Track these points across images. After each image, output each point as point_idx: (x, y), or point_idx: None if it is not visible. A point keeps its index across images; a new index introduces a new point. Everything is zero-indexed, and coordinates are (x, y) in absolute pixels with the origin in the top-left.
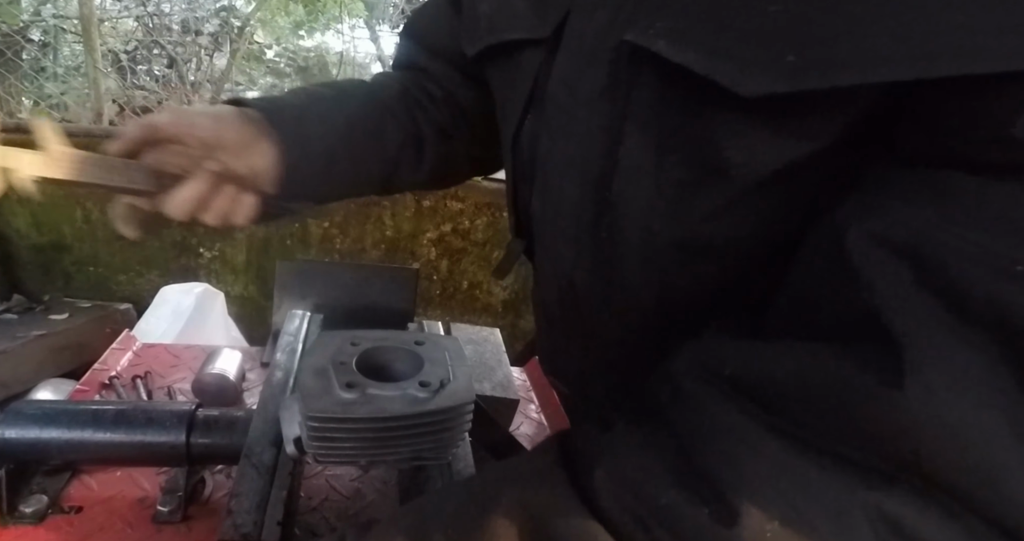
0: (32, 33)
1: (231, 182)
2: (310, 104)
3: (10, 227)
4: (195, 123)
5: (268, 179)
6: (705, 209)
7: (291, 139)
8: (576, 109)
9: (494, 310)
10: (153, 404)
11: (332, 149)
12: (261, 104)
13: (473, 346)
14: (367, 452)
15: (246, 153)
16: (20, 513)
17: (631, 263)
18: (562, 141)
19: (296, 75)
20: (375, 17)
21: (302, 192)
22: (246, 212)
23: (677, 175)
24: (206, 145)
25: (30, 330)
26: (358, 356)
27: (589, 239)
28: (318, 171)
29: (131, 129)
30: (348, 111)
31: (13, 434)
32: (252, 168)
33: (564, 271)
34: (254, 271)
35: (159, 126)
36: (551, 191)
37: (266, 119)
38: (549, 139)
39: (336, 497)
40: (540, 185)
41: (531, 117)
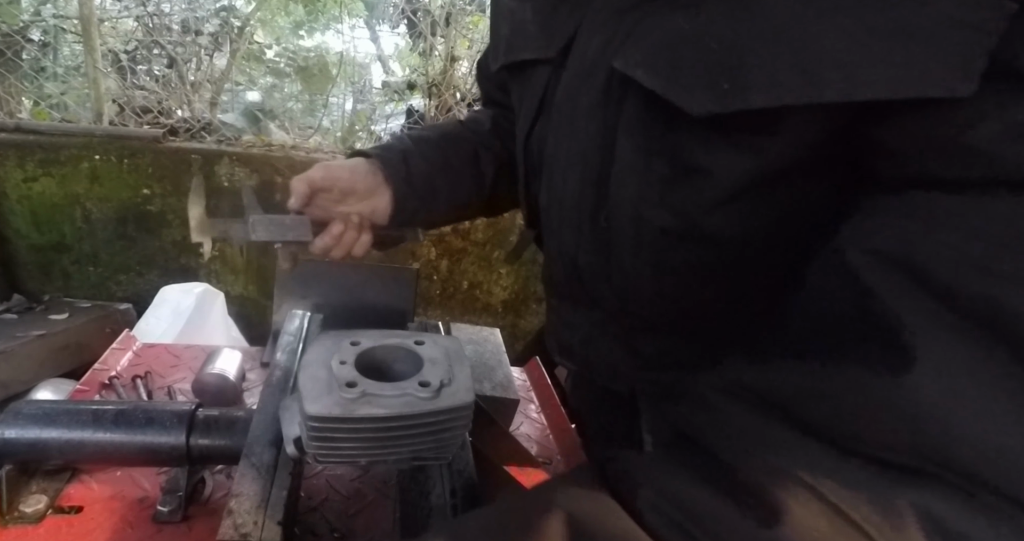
0: (32, 33)
1: (357, 220)
2: (414, 146)
3: (10, 227)
4: (338, 176)
5: (384, 215)
6: (688, 202)
7: (399, 178)
8: (576, 117)
9: (494, 310)
10: (153, 404)
11: (433, 182)
12: (377, 152)
13: (473, 346)
14: (367, 452)
15: (371, 196)
16: (20, 513)
17: (626, 246)
18: (565, 143)
19: (296, 75)
20: (375, 17)
21: (411, 221)
22: (365, 244)
23: (661, 172)
24: (343, 192)
25: (30, 330)
26: (358, 356)
27: (590, 226)
28: (423, 202)
29: (299, 187)
30: (446, 148)
31: (13, 434)
32: (374, 208)
33: (569, 253)
34: (254, 271)
35: (316, 181)
36: (556, 186)
37: (381, 164)
38: (555, 142)
39: (336, 497)
40: (547, 181)
41: (540, 123)
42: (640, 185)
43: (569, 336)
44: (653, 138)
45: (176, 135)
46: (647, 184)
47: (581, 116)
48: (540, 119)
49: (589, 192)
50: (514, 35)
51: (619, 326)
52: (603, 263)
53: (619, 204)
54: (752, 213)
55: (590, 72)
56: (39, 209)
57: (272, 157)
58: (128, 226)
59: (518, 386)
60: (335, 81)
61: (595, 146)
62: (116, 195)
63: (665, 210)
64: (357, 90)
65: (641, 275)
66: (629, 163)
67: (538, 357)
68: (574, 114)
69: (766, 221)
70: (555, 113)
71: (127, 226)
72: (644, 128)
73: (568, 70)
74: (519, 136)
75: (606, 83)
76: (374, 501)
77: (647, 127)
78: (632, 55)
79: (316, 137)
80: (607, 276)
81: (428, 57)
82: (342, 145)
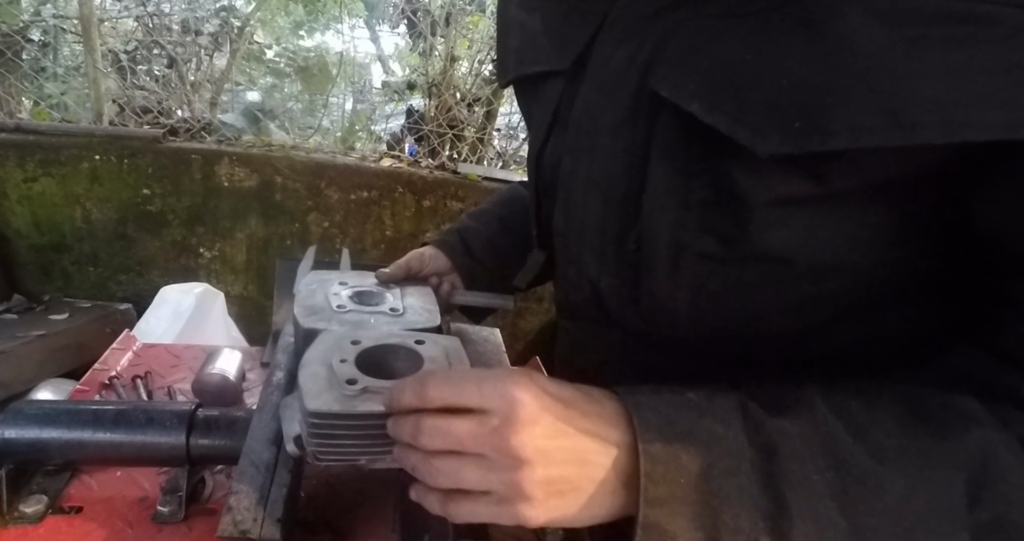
0: (32, 33)
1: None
2: (470, 221)
3: (10, 227)
4: (411, 264)
5: (460, 283)
6: (734, 226)
7: (458, 253)
8: (599, 135)
9: None
10: (153, 404)
11: (496, 247)
12: (435, 239)
13: (473, 346)
14: (367, 450)
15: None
16: (20, 513)
17: (660, 271)
18: (585, 162)
19: (296, 75)
20: (375, 17)
21: (487, 284)
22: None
23: (703, 196)
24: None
25: (30, 330)
26: (358, 355)
27: (614, 250)
28: (492, 268)
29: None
30: (502, 211)
31: (13, 434)
32: (452, 283)
33: (590, 277)
34: (254, 271)
35: (410, 265)
36: (575, 207)
37: (439, 246)
38: (572, 161)
39: (336, 497)
40: (563, 201)
41: (554, 138)
42: (678, 210)
43: (584, 360)
44: (693, 161)
45: (176, 135)
46: (685, 209)
47: (604, 134)
48: (553, 135)
49: (613, 215)
50: (524, 47)
51: (640, 346)
52: (630, 287)
53: (652, 228)
54: (806, 229)
55: (614, 87)
56: (39, 209)
57: (272, 157)
58: (128, 226)
59: None
60: (335, 81)
61: (621, 166)
62: (116, 195)
63: (707, 235)
64: (357, 90)
65: (676, 299)
66: (664, 186)
67: (538, 357)
68: (595, 131)
69: (824, 238)
70: (572, 129)
71: (127, 226)
72: (683, 150)
73: (586, 83)
74: (530, 152)
75: (634, 99)
76: (374, 501)
77: (686, 149)
78: (679, 81)
79: (316, 137)
80: (634, 300)
81: (428, 57)
82: (342, 145)
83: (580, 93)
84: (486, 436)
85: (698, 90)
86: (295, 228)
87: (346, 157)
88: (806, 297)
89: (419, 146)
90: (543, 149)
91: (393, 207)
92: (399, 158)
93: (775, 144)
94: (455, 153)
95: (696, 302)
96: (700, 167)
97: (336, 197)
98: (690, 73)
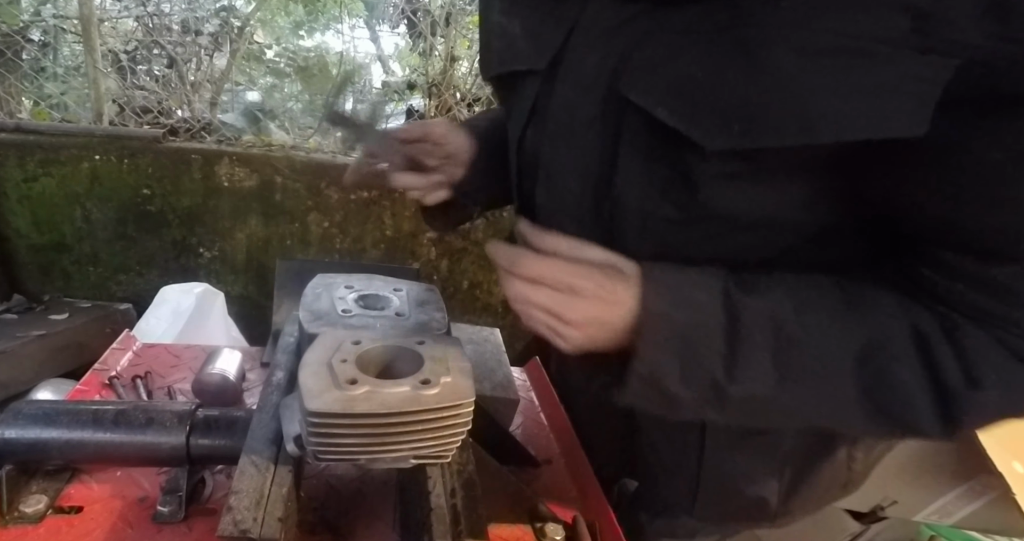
0: (32, 33)
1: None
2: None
3: (10, 227)
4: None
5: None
6: (688, 196)
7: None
8: (575, 127)
9: (494, 310)
10: (153, 404)
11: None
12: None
13: (473, 346)
14: (367, 449)
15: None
16: (20, 513)
17: (631, 233)
18: (564, 150)
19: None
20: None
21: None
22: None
23: (663, 174)
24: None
25: (30, 330)
26: (359, 355)
27: (591, 219)
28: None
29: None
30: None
31: (13, 434)
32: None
33: None
34: (254, 271)
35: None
36: (556, 187)
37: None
38: (551, 148)
39: (336, 497)
40: (545, 182)
41: (532, 128)
42: (643, 186)
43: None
44: (654, 148)
45: (176, 135)
46: (649, 184)
47: (580, 126)
48: (532, 124)
49: (590, 192)
50: (505, 48)
51: None
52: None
53: (623, 201)
54: (743, 196)
55: (588, 88)
56: (39, 209)
57: (272, 157)
58: (128, 226)
59: (518, 386)
60: (335, 81)
61: (595, 154)
62: (116, 195)
63: (667, 203)
64: (357, 90)
65: (643, 252)
66: (632, 169)
67: (538, 357)
68: (572, 124)
69: (758, 201)
70: (550, 121)
71: (127, 226)
72: (647, 141)
73: (561, 81)
74: (512, 139)
75: (604, 101)
76: (374, 501)
77: (649, 140)
78: (645, 89)
79: (316, 137)
80: None
81: (428, 57)
82: (342, 145)
83: (556, 90)
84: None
85: (662, 98)
86: (295, 228)
87: (346, 157)
88: (747, 243)
89: None
90: (523, 137)
91: (393, 207)
92: None
93: (721, 142)
94: None
95: (660, 254)
96: (660, 153)
97: (336, 197)
98: (656, 83)
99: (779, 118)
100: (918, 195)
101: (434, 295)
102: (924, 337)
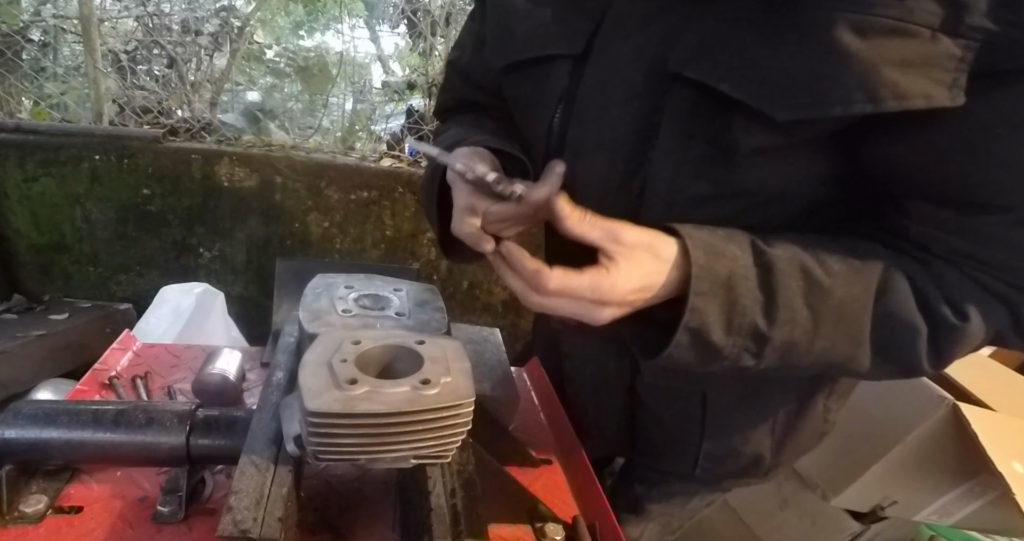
0: (32, 33)
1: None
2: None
3: (10, 227)
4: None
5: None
6: (722, 170)
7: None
8: (609, 107)
9: (494, 310)
10: (153, 404)
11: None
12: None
13: (473, 346)
14: (367, 449)
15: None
16: (20, 513)
17: (656, 210)
18: (593, 130)
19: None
20: (375, 17)
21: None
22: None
23: (701, 150)
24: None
25: (30, 330)
26: (359, 355)
27: (615, 197)
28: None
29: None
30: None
31: (13, 434)
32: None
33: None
34: (254, 271)
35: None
36: (582, 165)
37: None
38: (581, 129)
39: (336, 497)
40: (570, 161)
41: (561, 111)
42: (679, 163)
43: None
44: (696, 124)
45: (176, 135)
46: (686, 161)
47: (615, 106)
48: (560, 108)
49: (619, 170)
50: (534, 34)
51: None
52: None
53: (656, 177)
54: (772, 172)
55: (626, 68)
56: (39, 209)
57: (272, 157)
58: (128, 226)
59: (518, 386)
60: (335, 81)
61: (630, 130)
62: (116, 195)
63: (703, 180)
64: (357, 90)
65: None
66: (670, 146)
67: (538, 357)
68: (606, 104)
69: (782, 176)
70: (580, 103)
71: (127, 226)
72: (690, 116)
73: (594, 65)
74: (540, 123)
75: (644, 78)
76: (374, 501)
77: (693, 116)
78: (704, 66)
79: (316, 137)
80: None
81: (428, 57)
82: (342, 145)
83: (587, 73)
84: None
85: (725, 74)
86: (295, 228)
87: (346, 157)
88: (759, 216)
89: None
90: (552, 120)
91: (393, 207)
92: (399, 158)
93: (790, 113)
94: None
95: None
96: (702, 129)
97: (336, 197)
98: (716, 61)
99: (846, 89)
100: (920, 156)
101: (434, 295)
102: (913, 278)
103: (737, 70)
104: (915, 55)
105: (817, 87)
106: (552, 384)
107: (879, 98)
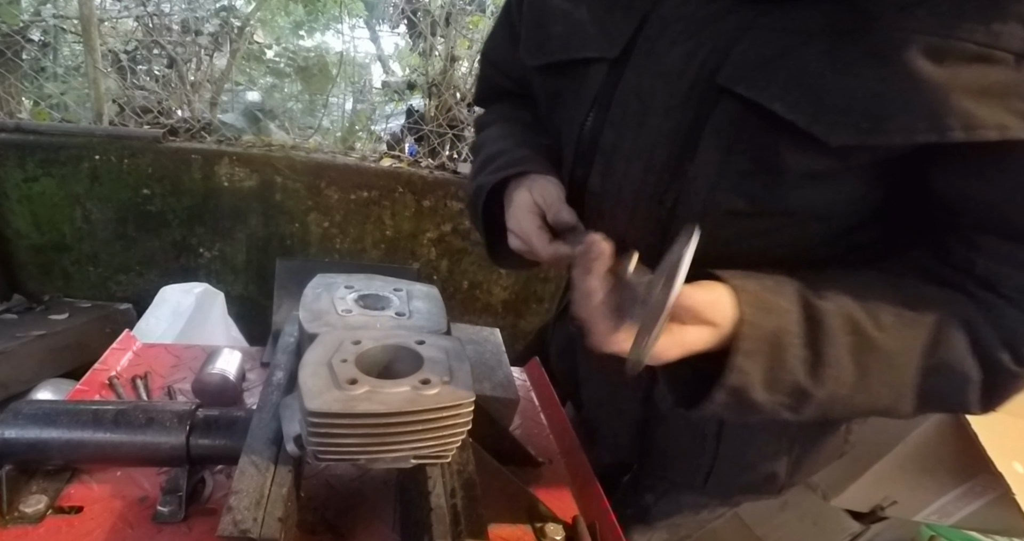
0: (32, 33)
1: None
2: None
3: (10, 227)
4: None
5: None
6: (762, 189)
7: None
8: (647, 115)
9: (494, 310)
10: (153, 404)
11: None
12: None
13: (473, 346)
14: (367, 449)
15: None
16: (20, 513)
17: (688, 221)
18: (631, 137)
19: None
20: (375, 17)
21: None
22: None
23: (741, 167)
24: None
25: (30, 330)
26: (359, 355)
27: (645, 207)
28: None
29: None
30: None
31: (13, 434)
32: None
33: (618, 231)
34: (254, 271)
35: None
36: (614, 173)
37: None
38: (615, 134)
39: (336, 497)
40: (602, 167)
41: (594, 114)
42: (717, 177)
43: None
44: (740, 140)
45: (176, 135)
46: (723, 177)
47: (654, 114)
48: (593, 111)
49: (653, 179)
50: (570, 35)
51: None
52: (656, 237)
53: (691, 191)
54: (818, 193)
55: (671, 76)
56: (39, 209)
57: (272, 157)
58: (128, 226)
59: (518, 386)
60: (335, 81)
61: (668, 141)
62: (116, 195)
63: (741, 197)
64: (357, 90)
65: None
66: (709, 160)
67: (538, 357)
68: (644, 111)
69: (827, 198)
70: (616, 108)
71: (127, 226)
72: (733, 131)
73: (633, 70)
74: (571, 124)
75: (690, 88)
76: (374, 501)
77: (737, 131)
78: (757, 83)
79: (316, 137)
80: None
81: (428, 57)
82: (342, 145)
83: (625, 77)
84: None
85: (779, 93)
86: (295, 228)
87: (346, 157)
88: (794, 236)
89: (419, 146)
90: (584, 122)
91: (393, 207)
92: (399, 158)
93: (845, 138)
94: (455, 153)
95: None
96: (744, 145)
97: (336, 197)
98: (770, 78)
99: (911, 116)
100: (995, 190)
101: (434, 295)
102: (969, 322)
103: (793, 90)
104: (995, 83)
105: (879, 113)
106: (566, 387)
107: (946, 128)
